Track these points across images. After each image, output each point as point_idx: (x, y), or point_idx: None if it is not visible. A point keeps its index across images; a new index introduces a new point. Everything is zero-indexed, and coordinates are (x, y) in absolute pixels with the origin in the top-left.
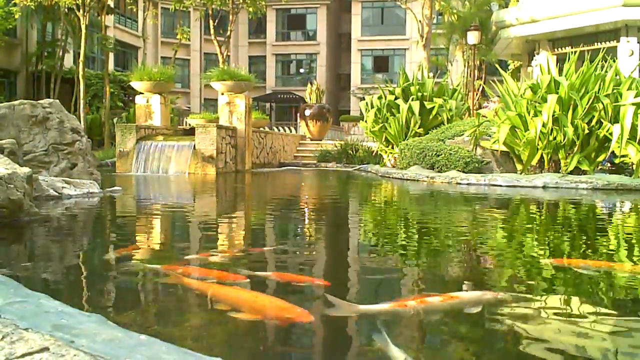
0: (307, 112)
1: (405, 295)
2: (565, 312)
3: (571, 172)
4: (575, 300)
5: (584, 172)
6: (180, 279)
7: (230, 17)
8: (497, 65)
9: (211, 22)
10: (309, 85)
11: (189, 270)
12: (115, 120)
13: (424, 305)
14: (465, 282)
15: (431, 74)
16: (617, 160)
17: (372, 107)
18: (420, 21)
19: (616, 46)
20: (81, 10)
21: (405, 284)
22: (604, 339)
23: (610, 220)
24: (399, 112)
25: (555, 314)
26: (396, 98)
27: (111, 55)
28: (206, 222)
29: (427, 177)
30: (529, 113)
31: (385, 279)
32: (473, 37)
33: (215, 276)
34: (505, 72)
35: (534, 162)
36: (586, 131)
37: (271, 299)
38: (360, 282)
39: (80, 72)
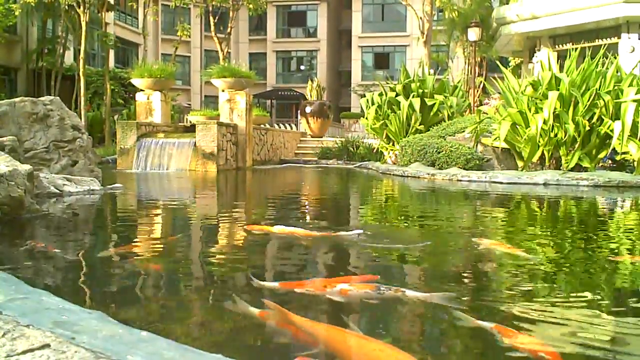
0: (308, 109)
1: None
2: None
3: (572, 169)
4: None
5: (585, 169)
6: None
7: (231, 14)
8: (497, 62)
9: (211, 19)
10: (309, 82)
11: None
12: (115, 117)
13: None
14: None
15: (432, 71)
16: (618, 157)
17: (373, 104)
18: (420, 18)
19: (617, 43)
20: (81, 7)
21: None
22: None
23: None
24: (399, 109)
25: None
26: (397, 95)
27: (111, 52)
28: (206, 220)
29: (428, 174)
30: (529, 110)
31: None
32: (474, 33)
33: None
34: (506, 68)
35: (535, 159)
36: (587, 128)
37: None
38: None
39: (81, 69)
